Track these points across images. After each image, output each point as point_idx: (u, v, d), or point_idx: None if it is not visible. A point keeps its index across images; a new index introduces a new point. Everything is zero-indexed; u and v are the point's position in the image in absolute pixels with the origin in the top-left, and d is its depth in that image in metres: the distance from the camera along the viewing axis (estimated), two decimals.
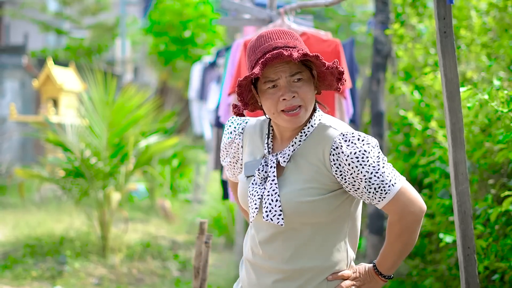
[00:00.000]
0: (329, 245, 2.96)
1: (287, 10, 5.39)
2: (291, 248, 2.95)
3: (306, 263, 2.94)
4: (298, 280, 2.95)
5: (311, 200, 2.88)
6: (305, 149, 2.95)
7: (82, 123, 9.09)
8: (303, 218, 2.90)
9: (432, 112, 6.54)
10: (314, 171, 2.91)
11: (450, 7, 3.62)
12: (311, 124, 2.98)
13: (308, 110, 2.93)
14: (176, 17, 15.78)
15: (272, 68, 2.90)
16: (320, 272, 2.95)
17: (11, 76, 17.84)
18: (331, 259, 2.96)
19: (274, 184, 2.92)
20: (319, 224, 2.93)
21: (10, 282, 7.52)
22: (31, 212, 11.13)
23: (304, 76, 2.93)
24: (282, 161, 2.95)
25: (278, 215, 2.89)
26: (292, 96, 2.88)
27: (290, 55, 2.83)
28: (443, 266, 5.99)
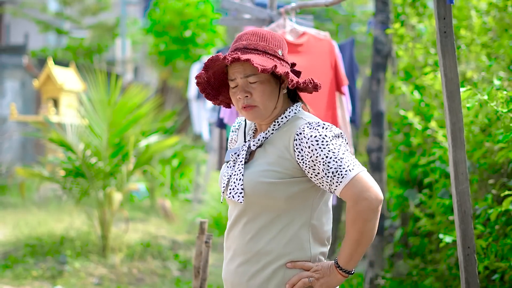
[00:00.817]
0: (288, 232, 3.03)
1: (288, 10, 5.39)
2: (251, 231, 3.06)
3: (264, 247, 3.03)
4: (256, 264, 3.05)
5: (270, 182, 3.00)
6: (275, 137, 3.10)
7: (82, 123, 9.09)
8: (261, 199, 3.02)
9: (432, 112, 6.54)
10: (278, 155, 3.03)
11: (450, 7, 3.63)
12: (285, 116, 3.13)
13: (264, 110, 3.09)
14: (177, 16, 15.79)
15: (231, 68, 3.09)
16: (277, 258, 3.03)
17: (11, 76, 17.84)
18: (289, 247, 3.03)
19: (241, 165, 3.09)
20: (278, 209, 3.03)
21: (10, 281, 7.53)
22: (31, 211, 11.14)
23: (261, 78, 3.07)
24: (252, 145, 3.12)
25: (239, 193, 3.04)
26: (245, 96, 3.08)
27: (224, 58, 3.00)
28: (443, 265, 6.00)
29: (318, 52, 5.37)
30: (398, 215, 7.54)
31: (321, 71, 5.37)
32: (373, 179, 2.96)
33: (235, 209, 3.13)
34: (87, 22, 23.38)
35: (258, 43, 3.08)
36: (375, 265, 7.06)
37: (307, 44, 5.34)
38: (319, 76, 5.34)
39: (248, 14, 5.88)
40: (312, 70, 5.29)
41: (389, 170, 7.59)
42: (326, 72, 5.39)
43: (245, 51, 3.05)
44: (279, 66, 3.03)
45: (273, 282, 3.02)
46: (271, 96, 3.09)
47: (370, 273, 7.05)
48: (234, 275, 3.11)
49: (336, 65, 5.44)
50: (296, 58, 5.23)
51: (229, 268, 3.14)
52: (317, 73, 5.33)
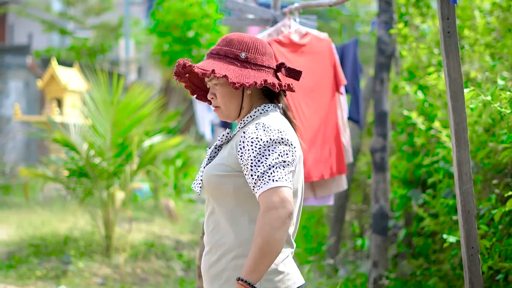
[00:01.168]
0: (239, 226, 3.12)
1: (292, 10, 5.39)
2: (213, 223, 3.21)
3: (219, 239, 3.16)
4: (214, 255, 3.18)
5: (219, 175, 3.14)
6: (235, 135, 3.25)
7: (86, 123, 9.10)
8: (214, 191, 3.17)
9: (435, 112, 6.54)
10: (229, 151, 3.18)
11: (453, 7, 3.63)
12: (250, 115, 3.26)
13: (226, 110, 3.27)
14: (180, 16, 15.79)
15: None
16: (229, 250, 3.13)
17: (15, 76, 17.87)
18: (238, 240, 3.11)
19: (206, 160, 3.32)
20: (230, 202, 3.15)
21: (14, 281, 7.54)
22: (35, 211, 11.15)
23: (220, 81, 3.23)
24: (218, 139, 3.34)
25: (198, 184, 3.26)
26: (211, 97, 3.29)
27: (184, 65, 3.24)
28: (447, 266, 6.00)
29: (319, 52, 5.39)
30: (401, 215, 7.54)
31: (323, 71, 5.38)
32: (290, 199, 2.98)
33: (207, 204, 3.29)
34: (91, 22, 23.40)
35: (222, 48, 3.25)
36: (378, 265, 7.06)
37: (309, 45, 5.35)
38: (320, 75, 5.36)
39: (251, 14, 5.88)
40: (314, 70, 5.31)
41: (392, 170, 7.59)
42: (327, 72, 5.41)
43: (210, 56, 3.26)
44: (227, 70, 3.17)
45: (225, 273, 3.12)
46: (232, 98, 3.24)
47: (374, 273, 7.05)
48: (202, 264, 3.26)
49: (335, 64, 5.45)
50: (299, 58, 5.24)
51: (202, 259, 3.29)
52: (319, 73, 5.35)
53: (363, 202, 9.68)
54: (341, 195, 8.78)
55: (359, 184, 9.63)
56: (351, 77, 7.54)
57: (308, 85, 5.27)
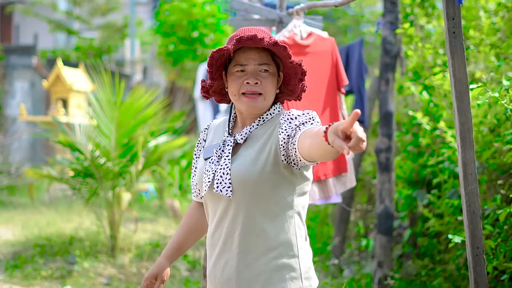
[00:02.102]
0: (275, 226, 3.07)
1: (297, 10, 5.40)
2: (238, 226, 3.08)
3: (251, 241, 3.06)
4: (245, 259, 3.07)
5: (257, 172, 3.05)
6: (260, 131, 3.17)
7: (91, 123, 9.11)
8: (249, 190, 3.05)
9: (441, 112, 6.54)
10: (263, 143, 3.10)
11: (459, 8, 3.63)
12: (269, 113, 3.21)
13: (266, 100, 3.16)
14: (184, 17, 15.81)
15: (244, 54, 3.15)
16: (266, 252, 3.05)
17: (21, 77, 17.90)
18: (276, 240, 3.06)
19: (228, 159, 3.13)
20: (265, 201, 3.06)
21: (20, 281, 7.55)
22: (40, 212, 11.17)
23: (271, 70, 3.16)
24: (239, 138, 3.17)
25: (227, 187, 3.07)
26: (255, 82, 3.13)
27: (262, 39, 3.06)
28: (452, 266, 6.00)
29: (321, 52, 5.42)
30: (407, 215, 7.54)
31: (324, 71, 5.41)
32: None
33: (219, 206, 3.14)
34: (97, 23, 23.43)
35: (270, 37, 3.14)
36: (383, 265, 7.06)
37: (313, 45, 5.37)
38: (321, 75, 5.38)
39: (257, 14, 5.88)
40: (315, 70, 5.33)
41: (397, 171, 7.59)
42: (328, 71, 5.43)
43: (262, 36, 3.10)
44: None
45: (264, 275, 3.04)
46: (273, 91, 3.19)
47: (379, 274, 7.05)
48: (221, 272, 3.12)
49: (337, 64, 5.47)
50: (302, 58, 5.25)
51: (217, 265, 3.15)
52: (320, 73, 5.37)
53: (368, 202, 9.68)
54: (346, 195, 8.78)
55: (364, 184, 9.62)
56: (356, 77, 7.53)
57: (308, 86, 5.28)
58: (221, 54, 3.13)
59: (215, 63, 3.19)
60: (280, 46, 3.07)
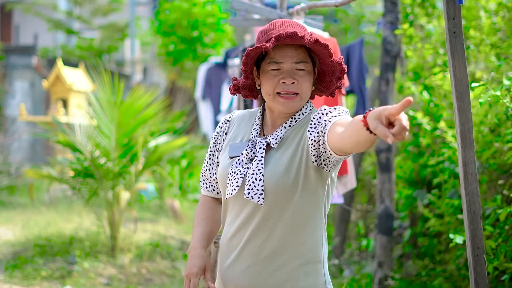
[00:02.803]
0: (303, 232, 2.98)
1: (298, 10, 5.40)
2: (265, 231, 2.97)
3: (279, 247, 2.96)
4: (270, 265, 2.97)
5: (291, 179, 2.93)
6: (292, 133, 3.03)
7: (91, 124, 9.11)
8: (281, 198, 2.94)
9: (441, 112, 6.53)
10: (295, 148, 2.97)
11: (459, 7, 3.63)
12: (302, 112, 3.07)
13: (303, 100, 3.03)
14: (184, 16, 15.81)
15: (280, 51, 2.99)
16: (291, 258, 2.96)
17: (20, 77, 17.90)
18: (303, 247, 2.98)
19: (260, 164, 2.98)
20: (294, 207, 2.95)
21: (20, 282, 7.54)
22: (40, 212, 11.17)
23: (307, 68, 3.01)
24: (273, 142, 3.02)
25: (260, 194, 2.94)
26: (291, 82, 2.98)
27: (303, 37, 2.90)
28: (452, 266, 5.99)
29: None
30: (407, 215, 7.53)
31: None
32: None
33: (243, 210, 3.02)
34: (97, 23, 23.43)
35: (306, 32, 3.01)
36: (384, 265, 7.05)
37: None
38: None
39: (257, 14, 5.88)
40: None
41: (398, 171, 7.58)
42: None
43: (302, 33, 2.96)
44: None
45: (289, 283, 2.96)
46: (310, 89, 3.06)
47: (379, 274, 7.05)
48: (242, 277, 3.02)
49: None
50: None
51: (235, 269, 3.04)
52: None
53: (368, 202, 9.68)
54: (346, 196, 8.77)
55: (364, 185, 9.62)
56: (357, 77, 7.52)
57: None
58: (257, 52, 2.98)
59: (250, 61, 3.03)
60: (321, 45, 2.94)
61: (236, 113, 3.26)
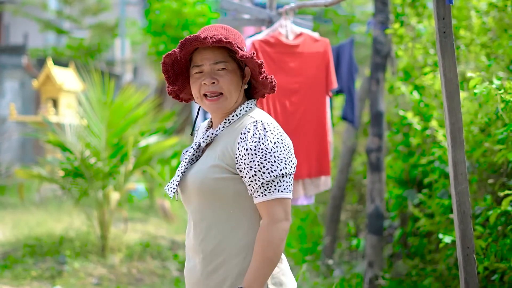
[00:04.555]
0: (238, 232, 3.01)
1: (287, 10, 5.39)
2: (203, 231, 3.05)
3: (215, 247, 3.03)
4: (210, 264, 3.04)
5: (217, 178, 2.99)
6: (224, 134, 3.10)
7: (81, 123, 9.09)
8: (210, 196, 3.01)
9: (431, 112, 6.54)
10: (223, 151, 3.02)
11: (449, 7, 3.63)
12: (236, 113, 3.12)
13: (229, 99, 3.08)
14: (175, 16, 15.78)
15: (199, 55, 3.08)
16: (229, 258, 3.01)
17: (10, 76, 17.83)
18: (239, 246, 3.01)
19: (185, 163, 3.12)
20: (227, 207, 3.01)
21: (10, 282, 7.52)
22: (30, 212, 11.14)
23: (229, 67, 3.07)
24: (201, 142, 3.13)
25: (172, 189, 3.08)
26: (211, 82, 3.05)
27: (205, 38, 2.97)
28: (443, 266, 6.00)
29: (312, 53, 5.40)
30: (397, 215, 7.54)
31: (313, 72, 5.40)
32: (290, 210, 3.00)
33: (188, 210, 3.14)
34: (87, 22, 23.37)
35: (229, 35, 3.08)
36: (374, 265, 7.06)
37: (302, 45, 5.36)
38: (311, 76, 5.38)
39: (247, 14, 5.88)
40: (303, 71, 5.33)
41: (388, 170, 7.59)
42: (317, 73, 5.43)
43: (209, 36, 3.01)
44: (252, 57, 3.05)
45: (228, 281, 3.01)
46: (236, 87, 3.09)
47: (369, 273, 7.05)
48: (191, 274, 3.12)
49: (328, 66, 5.46)
50: (288, 59, 5.27)
51: (188, 267, 3.16)
52: (308, 74, 5.37)
53: (358, 202, 9.68)
54: (336, 195, 8.78)
55: (354, 184, 9.63)
56: (347, 77, 7.53)
57: (293, 86, 5.30)
58: (172, 59, 3.10)
59: (170, 69, 3.15)
60: (225, 42, 2.99)
61: (204, 122, 3.35)
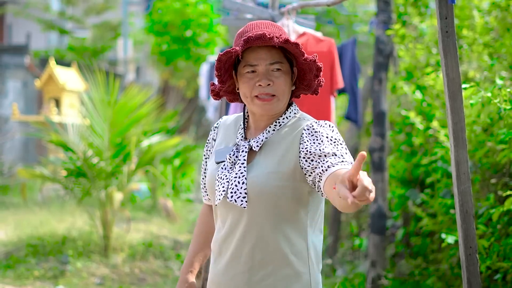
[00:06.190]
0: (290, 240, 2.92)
1: (289, 10, 5.39)
2: (252, 239, 2.93)
3: (266, 256, 2.92)
4: (258, 273, 2.93)
5: (277, 185, 2.88)
6: (277, 137, 2.98)
7: (84, 123, 9.09)
8: (268, 203, 2.90)
9: (434, 111, 6.54)
10: (282, 156, 2.91)
11: (452, 7, 3.63)
12: (286, 116, 3.02)
13: (281, 101, 2.97)
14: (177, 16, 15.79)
15: (253, 53, 2.95)
16: (279, 268, 2.92)
17: (13, 76, 17.85)
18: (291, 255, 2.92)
19: (243, 168, 2.94)
20: (281, 214, 2.91)
21: (12, 281, 7.53)
22: (33, 211, 11.14)
23: (283, 68, 2.97)
24: (255, 145, 2.98)
25: (243, 197, 2.90)
26: (267, 84, 2.93)
27: (272, 38, 2.86)
28: (445, 265, 6.00)
29: (316, 53, 5.36)
30: (400, 214, 7.54)
31: None
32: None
33: (229, 215, 2.99)
34: (90, 22, 23.37)
35: (280, 32, 2.98)
36: (377, 265, 7.06)
37: (305, 45, 5.34)
38: None
39: (249, 14, 5.88)
40: None
41: (391, 170, 7.59)
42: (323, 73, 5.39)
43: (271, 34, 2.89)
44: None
45: None
46: (288, 90, 3.00)
47: (372, 273, 7.05)
48: (231, 282, 2.99)
49: (333, 66, 5.44)
50: None
51: (225, 274, 3.01)
52: None
53: None
54: None
55: None
56: (349, 77, 7.53)
57: None
58: (229, 56, 2.95)
59: (223, 66, 3.00)
60: (292, 44, 2.89)
61: (224, 118, 3.23)
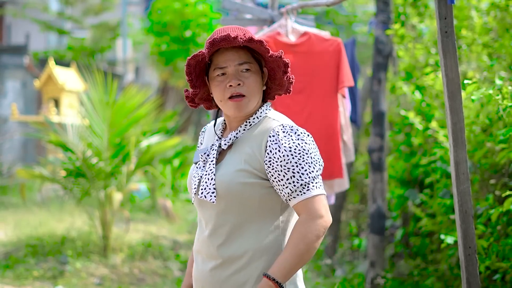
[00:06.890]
0: (260, 235, 2.99)
1: (289, 10, 5.39)
2: (222, 236, 3.01)
3: (236, 250, 2.99)
4: (229, 268, 3.00)
5: (244, 182, 2.96)
6: (246, 137, 3.05)
7: (83, 123, 9.09)
8: (235, 200, 2.97)
9: (433, 112, 6.54)
10: (250, 155, 2.98)
11: (451, 7, 3.63)
12: (256, 116, 3.08)
13: (252, 101, 3.03)
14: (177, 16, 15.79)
15: (222, 56, 3.01)
16: (251, 261, 2.98)
17: (12, 76, 17.84)
18: (261, 250, 2.98)
19: (212, 165, 3.03)
20: (250, 211, 2.98)
21: (11, 282, 7.53)
22: (32, 212, 11.14)
23: (252, 68, 3.03)
24: (223, 144, 3.06)
25: (211, 193, 2.98)
26: (237, 84, 2.99)
27: (236, 37, 2.92)
28: (444, 266, 6.00)
29: (318, 52, 5.33)
30: (399, 215, 7.54)
31: (319, 71, 5.32)
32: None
33: (204, 213, 3.09)
34: (89, 22, 23.36)
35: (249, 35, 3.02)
36: (376, 265, 7.06)
37: (306, 44, 5.31)
38: (314, 76, 5.31)
39: (249, 14, 5.88)
40: (306, 71, 5.27)
41: (390, 170, 7.59)
42: (325, 72, 5.34)
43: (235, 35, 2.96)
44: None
45: (248, 284, 2.98)
46: (259, 89, 3.06)
47: (371, 273, 7.05)
48: (207, 278, 3.06)
49: (340, 65, 5.38)
50: (289, 57, 5.20)
51: (202, 270, 3.09)
52: (313, 73, 5.30)
53: (360, 202, 9.68)
54: (338, 195, 8.77)
55: (356, 184, 9.62)
56: None
57: (295, 85, 5.25)
58: (197, 60, 3.02)
59: (193, 71, 3.07)
60: (256, 41, 2.96)
61: (212, 122, 3.29)
